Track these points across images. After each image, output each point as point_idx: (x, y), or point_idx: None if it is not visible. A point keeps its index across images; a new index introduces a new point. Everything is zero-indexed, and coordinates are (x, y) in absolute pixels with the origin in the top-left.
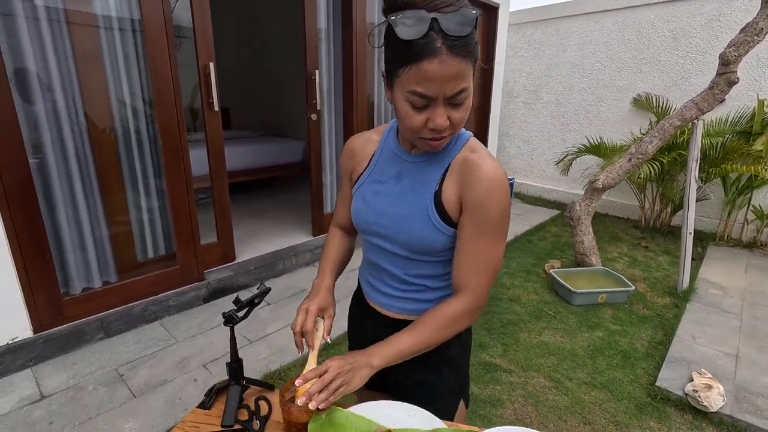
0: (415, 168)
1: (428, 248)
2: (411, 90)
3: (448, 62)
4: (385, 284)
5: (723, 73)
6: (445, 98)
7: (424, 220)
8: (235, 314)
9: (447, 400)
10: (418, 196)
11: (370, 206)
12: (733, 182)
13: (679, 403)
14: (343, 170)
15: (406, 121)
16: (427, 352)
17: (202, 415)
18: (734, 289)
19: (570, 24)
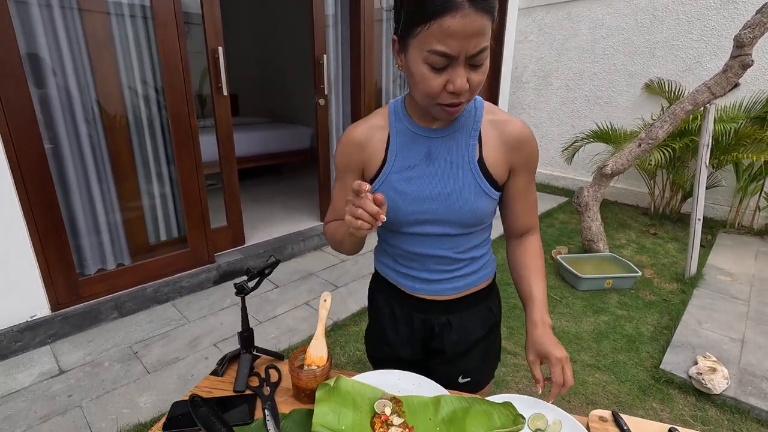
0: (444, 142)
1: (480, 218)
2: (431, 49)
3: (471, 17)
4: (432, 271)
5: (737, 55)
6: (467, 57)
7: (475, 191)
8: (246, 284)
9: (495, 362)
10: (460, 169)
11: (407, 195)
12: (745, 169)
13: (683, 386)
14: (347, 164)
15: (422, 86)
16: (487, 315)
17: (215, 381)
18: (743, 275)
19: (582, 8)
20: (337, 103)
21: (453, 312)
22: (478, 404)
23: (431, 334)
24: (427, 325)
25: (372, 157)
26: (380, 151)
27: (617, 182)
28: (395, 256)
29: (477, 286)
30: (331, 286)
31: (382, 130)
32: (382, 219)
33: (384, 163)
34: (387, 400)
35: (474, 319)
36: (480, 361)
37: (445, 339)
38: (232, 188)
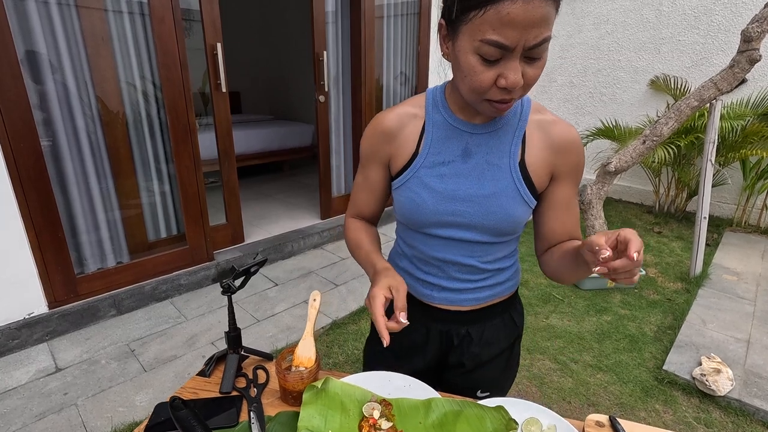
0: (484, 140)
1: (514, 227)
2: (485, 39)
3: (535, 3)
4: (453, 279)
5: (745, 50)
6: (524, 49)
7: (513, 196)
8: (232, 283)
9: (515, 374)
10: (499, 170)
11: (437, 193)
12: (753, 166)
13: (686, 387)
14: (372, 154)
15: (471, 79)
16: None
17: (202, 382)
18: (749, 274)
19: (586, 3)
20: (337, 99)
21: (474, 323)
22: (469, 408)
23: (449, 346)
24: (445, 337)
25: (401, 149)
26: (412, 142)
27: (622, 180)
28: (414, 260)
29: (500, 297)
30: (330, 284)
31: (417, 120)
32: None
33: (415, 156)
34: (376, 402)
35: (496, 330)
36: (501, 373)
37: (465, 352)
38: (231, 186)
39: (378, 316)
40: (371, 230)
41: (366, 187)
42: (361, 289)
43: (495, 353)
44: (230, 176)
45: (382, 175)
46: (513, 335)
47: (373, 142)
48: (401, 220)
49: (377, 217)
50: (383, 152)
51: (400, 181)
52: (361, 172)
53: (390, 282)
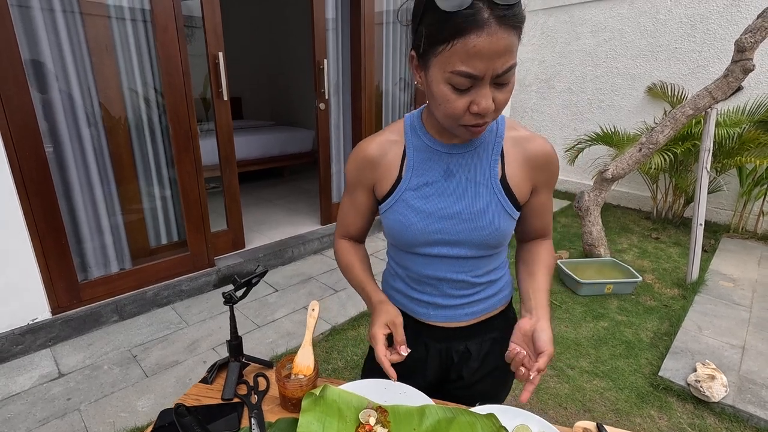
0: (465, 159)
1: (501, 239)
2: (455, 70)
3: (498, 35)
4: (447, 296)
5: (738, 60)
6: (493, 77)
7: (498, 211)
8: (234, 294)
9: (511, 384)
10: (482, 187)
11: (424, 213)
12: (749, 173)
13: (681, 393)
14: (357, 180)
15: (445, 107)
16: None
17: (204, 389)
18: (746, 281)
19: (583, 11)
20: (337, 106)
21: (472, 338)
22: (461, 415)
23: (450, 363)
24: (445, 354)
25: (385, 174)
26: (395, 167)
27: (620, 186)
28: (407, 280)
29: (496, 309)
30: (330, 289)
31: (397, 145)
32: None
33: (399, 180)
34: (372, 409)
35: (494, 344)
36: (499, 385)
37: (465, 367)
38: (232, 192)
39: (382, 357)
40: (360, 252)
41: (353, 209)
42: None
43: (493, 366)
44: (231, 182)
45: (368, 198)
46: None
47: (357, 169)
48: (391, 242)
49: (364, 235)
50: (367, 179)
51: (387, 204)
52: (348, 196)
53: (386, 319)
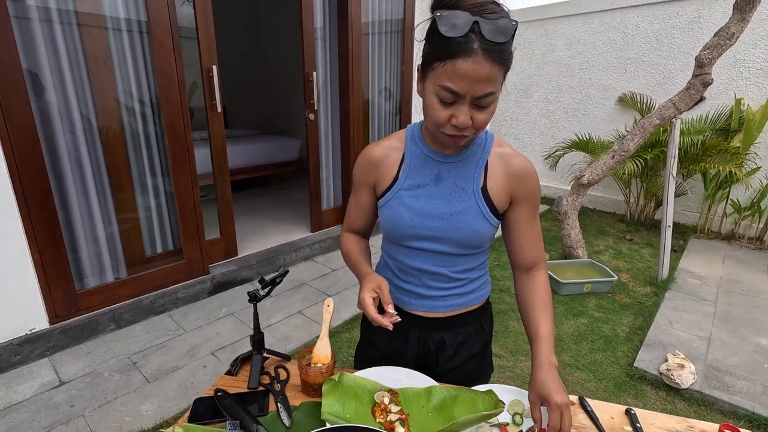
0: (453, 167)
1: (478, 241)
2: (442, 84)
3: (481, 64)
4: (429, 287)
5: (698, 74)
6: (472, 98)
7: (476, 215)
8: (259, 293)
9: (488, 373)
10: (465, 193)
11: (413, 210)
12: (712, 177)
13: (654, 382)
14: (362, 180)
15: (431, 114)
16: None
17: (230, 380)
18: (711, 278)
19: (558, 25)
20: (326, 116)
21: (447, 330)
22: (464, 393)
23: (426, 351)
24: (422, 342)
25: (385, 174)
26: (393, 169)
27: (596, 190)
28: (395, 270)
29: (472, 305)
30: (323, 294)
31: (398, 151)
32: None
33: (396, 180)
34: (385, 391)
35: (468, 337)
36: (474, 375)
37: (440, 355)
38: (226, 201)
39: (372, 314)
40: (362, 242)
41: (357, 206)
42: (352, 298)
43: (467, 357)
44: (225, 192)
45: (370, 197)
46: (482, 341)
47: (362, 169)
48: (385, 235)
49: (368, 231)
50: (370, 178)
51: (384, 200)
52: (354, 195)
53: (373, 285)
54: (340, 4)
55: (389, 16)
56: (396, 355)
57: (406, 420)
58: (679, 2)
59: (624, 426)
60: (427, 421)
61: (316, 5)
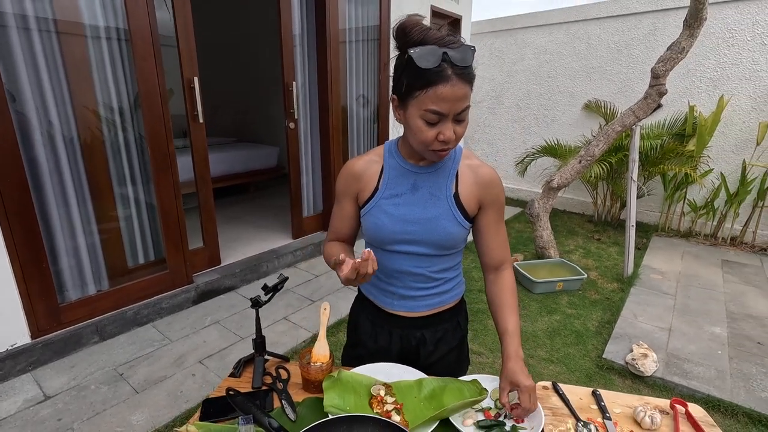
0: (428, 177)
1: (453, 242)
2: (427, 108)
3: (458, 86)
4: (410, 288)
5: (654, 85)
6: (454, 115)
7: (449, 219)
8: (260, 298)
9: (466, 366)
10: (439, 200)
11: (394, 217)
12: (670, 179)
13: (621, 371)
14: (345, 191)
15: (419, 136)
16: (456, 329)
17: (234, 381)
18: (671, 273)
19: (526, 35)
20: (305, 124)
21: (427, 327)
22: (451, 383)
23: (409, 347)
24: (405, 339)
25: (367, 185)
26: (374, 180)
27: (565, 193)
28: (379, 274)
29: (448, 304)
30: (307, 300)
31: (377, 164)
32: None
33: (376, 190)
34: (380, 385)
35: (446, 333)
36: (453, 367)
37: (421, 350)
38: (208, 210)
39: (351, 262)
40: (345, 245)
41: (341, 216)
42: (336, 303)
43: (445, 351)
44: (207, 201)
45: (353, 206)
46: (459, 336)
47: (345, 181)
48: (368, 240)
49: (352, 239)
50: (353, 189)
51: (366, 209)
52: (337, 205)
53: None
54: (318, 12)
55: (366, 23)
56: (381, 352)
57: (401, 409)
58: (637, 16)
59: (591, 405)
60: (419, 409)
61: (294, 13)
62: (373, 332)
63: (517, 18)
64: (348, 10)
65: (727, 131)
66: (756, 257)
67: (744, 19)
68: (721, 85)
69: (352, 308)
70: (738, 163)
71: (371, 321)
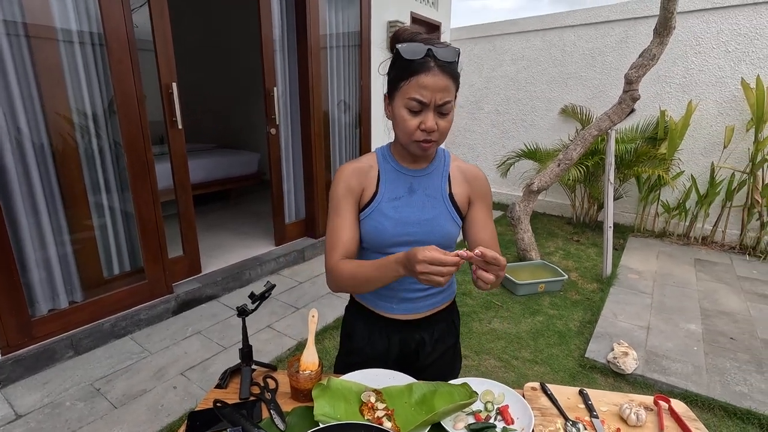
0: (423, 180)
1: (450, 241)
2: (410, 97)
3: (439, 76)
4: (409, 290)
5: (628, 90)
6: (435, 106)
7: (447, 218)
8: (247, 308)
9: (459, 365)
10: (435, 201)
11: (395, 220)
12: (644, 181)
13: (603, 370)
14: (348, 193)
15: (402, 125)
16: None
17: (221, 393)
18: (648, 272)
19: (504, 41)
20: (286, 130)
21: (426, 329)
22: (442, 387)
23: (408, 350)
24: (404, 343)
25: (368, 186)
26: (374, 184)
27: (545, 195)
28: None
29: (444, 303)
30: (291, 308)
31: (373, 169)
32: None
33: (376, 194)
34: (370, 391)
35: (442, 333)
36: (449, 365)
37: (420, 352)
38: (188, 217)
39: (451, 256)
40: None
41: (347, 225)
42: (322, 310)
43: (442, 351)
44: (187, 208)
45: (356, 209)
46: (454, 335)
47: (350, 178)
48: (365, 246)
49: (358, 252)
50: (357, 187)
51: (366, 213)
52: (337, 215)
53: (425, 248)
54: (298, 18)
55: (346, 29)
56: (378, 358)
57: (392, 415)
58: (609, 24)
59: (578, 404)
60: (410, 414)
61: (275, 19)
62: (369, 339)
63: (495, 25)
64: (329, 16)
65: (697, 135)
66: (726, 255)
67: (709, 28)
68: (689, 91)
69: (345, 316)
70: (707, 166)
71: (368, 328)
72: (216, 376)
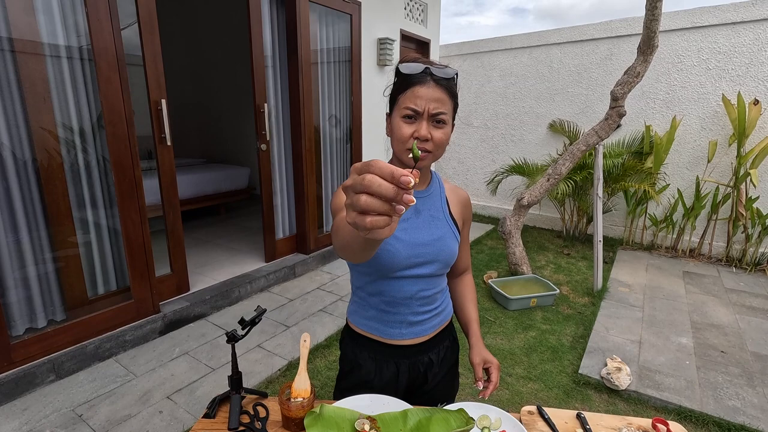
0: (426, 201)
1: (453, 258)
2: (405, 107)
3: (433, 88)
4: (417, 313)
5: (614, 106)
6: (429, 115)
7: (451, 237)
8: (237, 333)
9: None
10: (440, 221)
11: (406, 243)
12: (632, 195)
13: (597, 386)
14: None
15: (397, 134)
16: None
17: (208, 423)
18: (638, 285)
19: (492, 58)
20: (278, 145)
21: (433, 349)
22: (437, 413)
23: (417, 374)
24: (413, 368)
25: None
26: None
27: (535, 209)
28: (381, 305)
29: (446, 322)
30: (281, 326)
31: None
32: (409, 202)
33: None
34: (364, 419)
35: (446, 351)
36: (451, 384)
37: (429, 374)
38: (176, 235)
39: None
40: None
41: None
42: (312, 328)
43: (447, 368)
44: (175, 226)
45: None
46: (456, 351)
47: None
48: (371, 270)
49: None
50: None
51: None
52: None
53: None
54: (289, 34)
55: (337, 44)
56: (387, 388)
57: None
58: (594, 41)
59: (576, 429)
60: None
61: (266, 34)
62: (377, 370)
63: (483, 42)
64: (320, 32)
65: (681, 149)
66: (713, 268)
67: (690, 46)
68: (673, 107)
69: (345, 349)
70: (692, 179)
71: (373, 358)
72: (204, 400)
